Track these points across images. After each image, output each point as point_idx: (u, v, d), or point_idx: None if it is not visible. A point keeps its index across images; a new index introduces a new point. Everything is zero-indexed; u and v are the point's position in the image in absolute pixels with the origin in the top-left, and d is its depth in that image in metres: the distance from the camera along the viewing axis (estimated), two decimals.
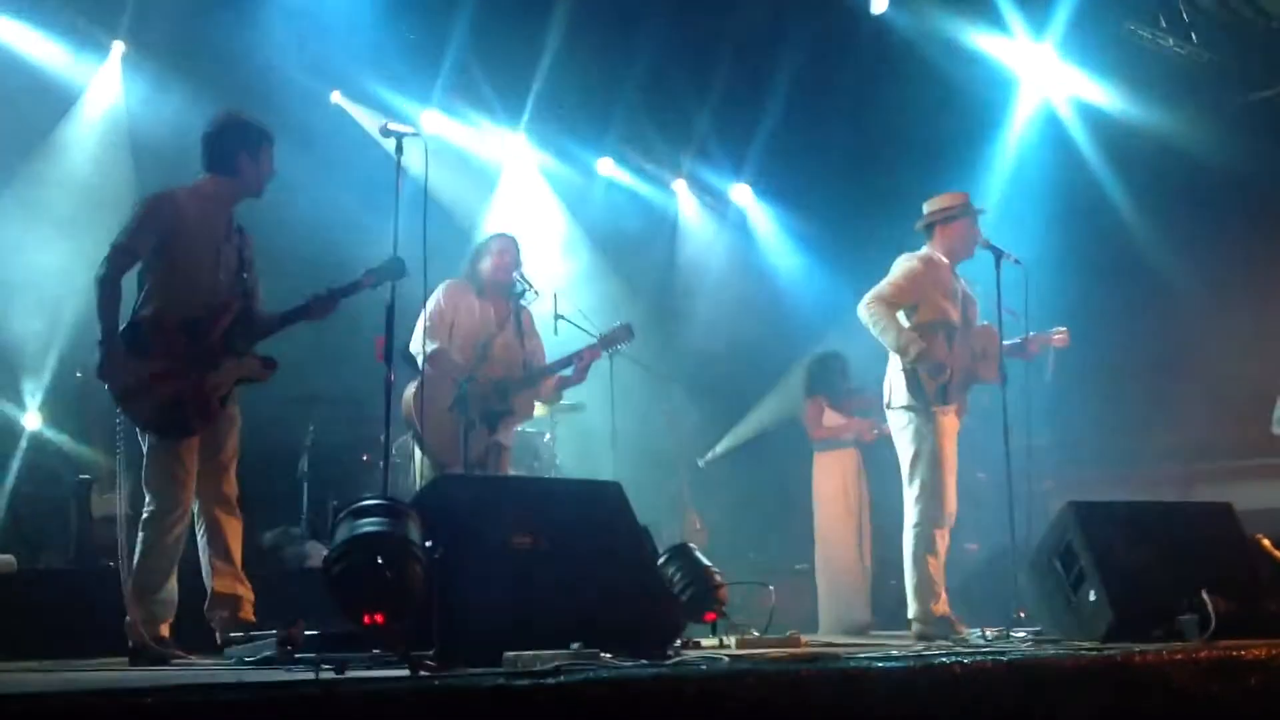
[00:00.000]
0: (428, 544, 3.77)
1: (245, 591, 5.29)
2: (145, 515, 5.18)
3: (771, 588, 6.43)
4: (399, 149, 5.14)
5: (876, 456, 8.21)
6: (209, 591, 5.30)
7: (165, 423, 5.13)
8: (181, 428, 5.16)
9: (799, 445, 9.12)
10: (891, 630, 7.82)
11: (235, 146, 5.30)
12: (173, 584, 5.22)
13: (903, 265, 6.84)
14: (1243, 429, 9.47)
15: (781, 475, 9.72)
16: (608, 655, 3.72)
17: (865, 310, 6.70)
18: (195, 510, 5.32)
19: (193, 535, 5.35)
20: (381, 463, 5.68)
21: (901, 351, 6.65)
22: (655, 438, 10.24)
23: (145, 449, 5.19)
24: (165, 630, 5.16)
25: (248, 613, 5.23)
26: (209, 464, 5.32)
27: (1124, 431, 10.39)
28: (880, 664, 3.65)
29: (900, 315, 6.72)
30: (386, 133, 5.19)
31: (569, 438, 9.19)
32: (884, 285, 6.76)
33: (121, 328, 5.11)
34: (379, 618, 3.51)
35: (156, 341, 5.12)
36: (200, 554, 5.34)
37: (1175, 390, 10.22)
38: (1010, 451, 6.42)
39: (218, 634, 5.19)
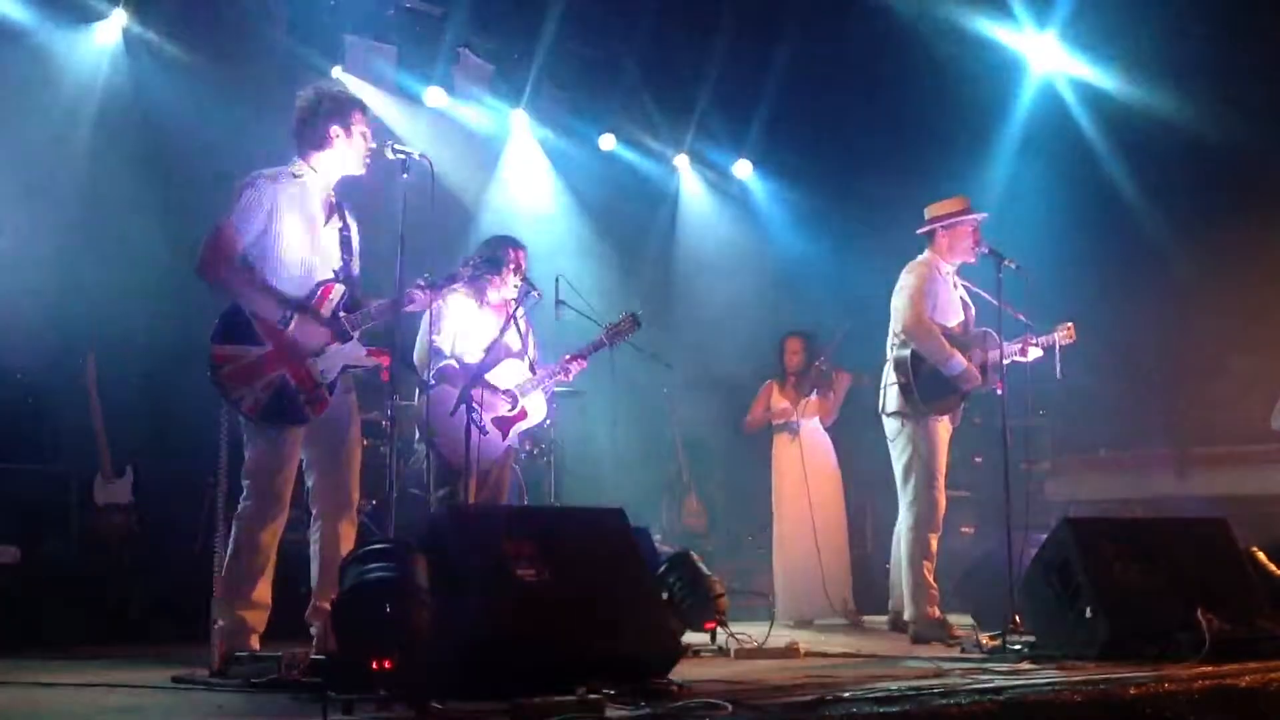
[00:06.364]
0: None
1: None
2: (239, 509, 4.97)
3: (770, 597, 6.44)
4: (404, 169, 5.09)
5: (871, 441, 7.99)
6: (312, 597, 5.09)
7: (272, 409, 4.91)
8: (291, 415, 4.95)
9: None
10: (870, 616, 8.00)
11: (328, 121, 5.11)
12: (263, 590, 4.98)
13: (915, 275, 6.81)
14: (1238, 414, 9.51)
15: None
16: (611, 692, 3.78)
17: (920, 341, 6.65)
18: (313, 514, 5.14)
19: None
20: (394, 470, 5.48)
21: (961, 379, 6.65)
22: (655, 420, 10.28)
23: (246, 440, 4.98)
24: (255, 642, 4.91)
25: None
26: (326, 463, 5.12)
27: (1118, 414, 10.42)
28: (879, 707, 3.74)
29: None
30: (393, 152, 5.12)
31: (569, 421, 9.19)
32: (914, 308, 6.69)
33: (222, 314, 4.93)
34: (387, 663, 3.55)
35: (257, 326, 4.92)
36: (311, 559, 5.13)
37: (1171, 374, 10.25)
38: (1009, 459, 6.38)
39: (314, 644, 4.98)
